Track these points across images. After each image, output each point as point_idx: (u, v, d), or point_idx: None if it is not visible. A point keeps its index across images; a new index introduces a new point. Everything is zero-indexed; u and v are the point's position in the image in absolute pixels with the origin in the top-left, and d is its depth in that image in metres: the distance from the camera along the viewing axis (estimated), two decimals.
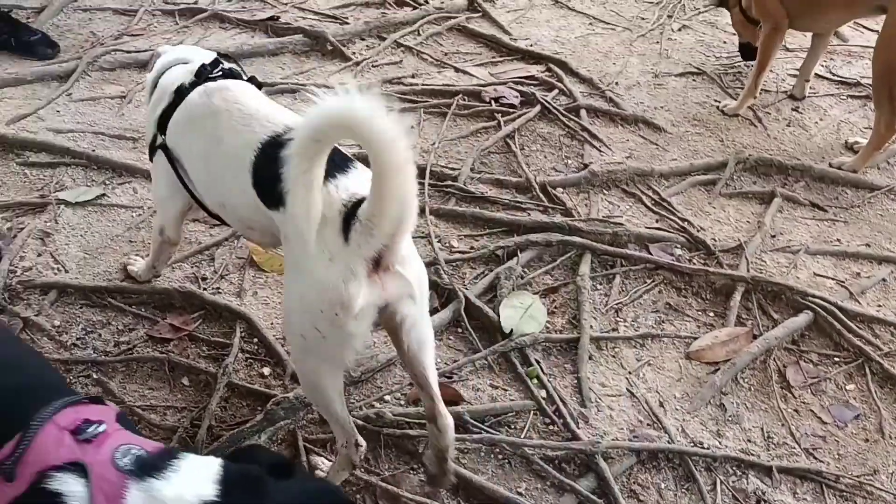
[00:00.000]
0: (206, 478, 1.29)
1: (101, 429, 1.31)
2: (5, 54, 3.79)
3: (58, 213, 2.86)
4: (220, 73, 2.09)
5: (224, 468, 1.32)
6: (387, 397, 2.32)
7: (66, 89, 3.56)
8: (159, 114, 2.14)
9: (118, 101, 3.53)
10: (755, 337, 2.56)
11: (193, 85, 2.06)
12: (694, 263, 2.83)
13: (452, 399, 2.23)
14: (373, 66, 4.00)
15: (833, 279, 2.81)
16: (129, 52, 3.85)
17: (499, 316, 2.54)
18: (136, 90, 3.57)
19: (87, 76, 3.70)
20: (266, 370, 2.37)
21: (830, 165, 3.39)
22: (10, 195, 2.94)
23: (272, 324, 2.50)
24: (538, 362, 2.43)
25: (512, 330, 2.49)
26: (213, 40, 4.04)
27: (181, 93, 2.08)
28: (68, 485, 1.24)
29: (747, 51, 4.00)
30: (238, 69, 2.18)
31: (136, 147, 3.22)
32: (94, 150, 3.15)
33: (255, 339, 2.45)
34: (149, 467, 1.28)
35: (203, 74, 2.08)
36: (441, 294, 2.65)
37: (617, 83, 3.96)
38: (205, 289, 2.59)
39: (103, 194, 2.98)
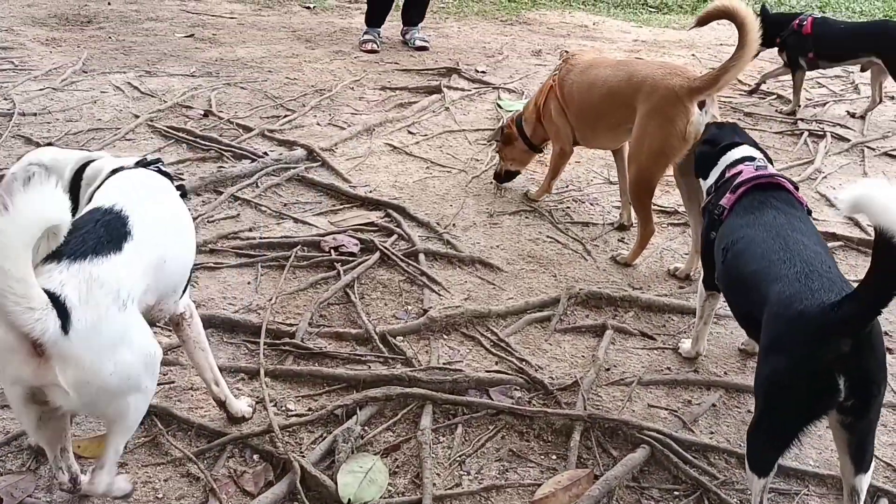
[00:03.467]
0: None
1: None
2: None
3: None
4: None
5: None
6: None
7: None
8: None
9: None
10: (596, 477, 2.55)
11: None
12: (533, 405, 2.84)
13: None
14: (208, 221, 3.93)
15: (666, 409, 2.88)
16: None
17: (336, 484, 2.43)
18: None
19: None
20: None
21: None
22: None
23: None
24: None
25: (350, 500, 2.38)
26: None
27: None
28: None
29: (507, 176, 4.48)
30: None
31: None
32: None
33: None
34: None
35: None
36: (276, 465, 2.52)
37: (454, 225, 4.07)
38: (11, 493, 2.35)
39: None
